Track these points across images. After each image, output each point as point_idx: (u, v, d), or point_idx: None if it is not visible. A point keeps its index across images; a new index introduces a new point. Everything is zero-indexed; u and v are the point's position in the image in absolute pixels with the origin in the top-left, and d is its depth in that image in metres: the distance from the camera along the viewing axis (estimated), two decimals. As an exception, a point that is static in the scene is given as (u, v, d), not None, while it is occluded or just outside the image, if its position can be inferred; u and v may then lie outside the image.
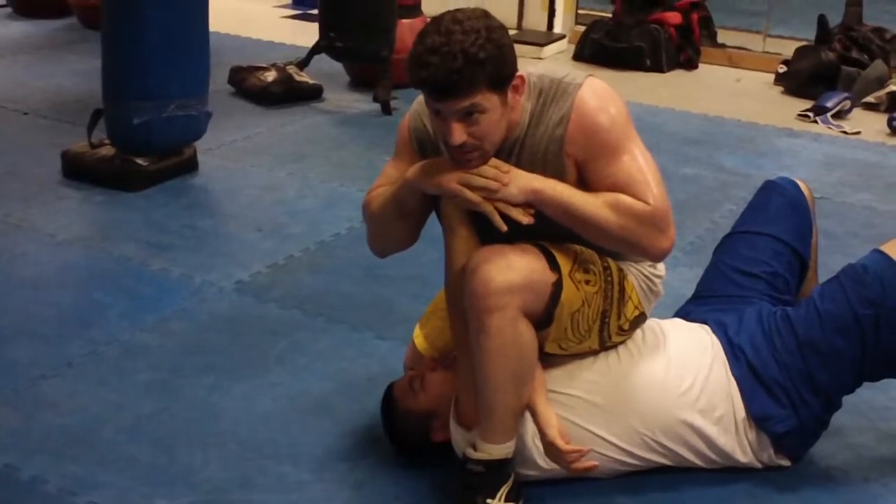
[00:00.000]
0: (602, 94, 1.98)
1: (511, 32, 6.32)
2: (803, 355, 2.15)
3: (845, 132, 4.83)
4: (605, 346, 2.12)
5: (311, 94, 4.94)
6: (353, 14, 4.72)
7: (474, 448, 2.04)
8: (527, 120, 1.99)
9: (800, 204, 2.40)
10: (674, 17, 5.86)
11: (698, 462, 2.19)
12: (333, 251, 3.41)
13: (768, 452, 2.21)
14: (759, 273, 2.31)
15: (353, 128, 4.70)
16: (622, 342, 2.16)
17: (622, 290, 2.08)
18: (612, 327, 2.08)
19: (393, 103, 4.82)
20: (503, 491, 2.05)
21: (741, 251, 2.37)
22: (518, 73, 1.92)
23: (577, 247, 2.03)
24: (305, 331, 2.88)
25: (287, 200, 3.81)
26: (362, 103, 4.95)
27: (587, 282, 2.01)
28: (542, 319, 1.98)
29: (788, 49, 5.73)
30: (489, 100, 1.85)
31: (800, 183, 2.47)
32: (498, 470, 2.04)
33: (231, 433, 2.40)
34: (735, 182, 4.10)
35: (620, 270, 2.09)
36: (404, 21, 4.91)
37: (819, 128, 4.88)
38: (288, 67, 4.94)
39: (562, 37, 6.30)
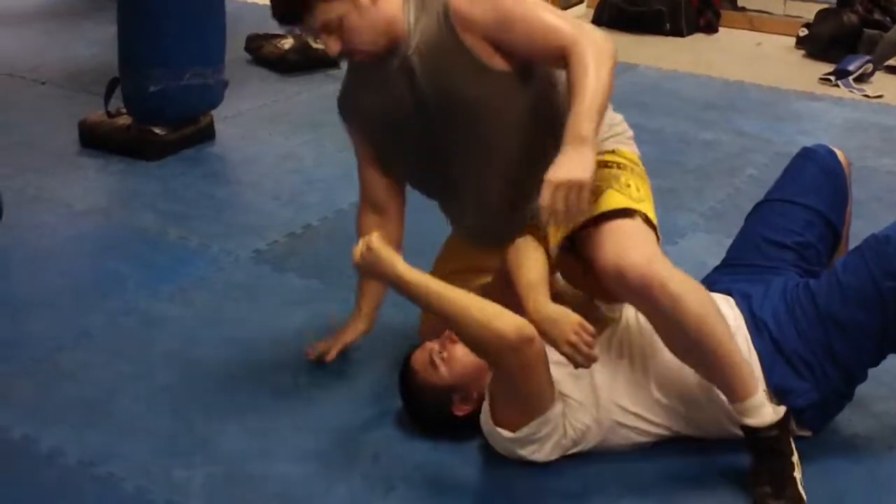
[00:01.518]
0: None
1: None
2: (825, 328, 2.13)
3: (867, 96, 4.77)
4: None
5: (328, 62, 4.89)
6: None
7: (747, 416, 2.01)
8: (412, 24, 2.07)
9: (836, 173, 2.35)
10: (694, -19, 5.79)
11: (715, 432, 2.17)
12: (351, 220, 3.35)
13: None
14: (790, 243, 2.27)
15: (370, 95, 4.66)
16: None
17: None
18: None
19: (410, 70, 4.77)
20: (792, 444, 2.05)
21: (773, 220, 2.33)
22: None
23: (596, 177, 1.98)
24: (324, 300, 2.86)
25: (304, 169, 3.80)
26: (379, 70, 4.91)
27: (628, 185, 2.08)
28: None
29: (809, 12, 5.66)
30: (334, 9, 2.00)
31: (837, 151, 2.41)
32: (786, 423, 2.03)
33: (250, 404, 2.40)
34: (755, 147, 4.06)
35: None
36: (421, -14, 4.86)
37: (841, 92, 4.82)
38: (304, 36, 4.90)
39: (580, 1, 6.23)
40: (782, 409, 2.04)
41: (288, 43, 4.90)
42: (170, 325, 2.73)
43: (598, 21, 5.91)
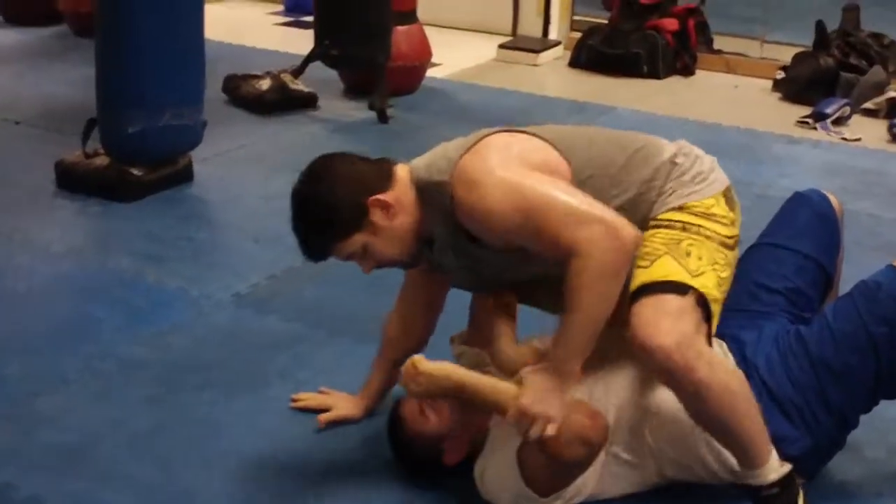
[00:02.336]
0: (469, 174, 1.96)
1: (505, 39, 6.30)
2: (817, 374, 2.11)
3: (845, 139, 4.81)
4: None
5: (306, 103, 4.89)
6: (349, 21, 4.67)
7: (751, 479, 2.00)
8: (431, 220, 2.07)
9: (829, 218, 2.35)
10: (670, 24, 5.83)
11: (706, 476, 2.14)
12: (334, 262, 3.34)
13: None
14: (780, 288, 2.26)
15: (350, 136, 4.64)
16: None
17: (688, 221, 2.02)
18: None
19: (389, 111, 4.77)
20: (802, 495, 2.04)
21: (765, 265, 2.31)
22: (371, 201, 2.02)
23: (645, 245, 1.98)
24: (307, 344, 2.82)
25: (285, 210, 3.66)
26: (358, 111, 4.90)
27: (688, 254, 1.97)
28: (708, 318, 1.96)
29: (786, 55, 5.71)
30: (354, 242, 2.06)
31: (830, 196, 2.41)
32: (790, 480, 2.02)
33: (233, 450, 2.35)
34: (737, 190, 4.05)
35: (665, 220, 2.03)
36: (400, 28, 4.87)
37: (819, 134, 4.86)
38: (282, 75, 4.89)
39: (557, 43, 6.27)
40: (786, 468, 2.01)
41: (265, 83, 4.88)
42: (149, 370, 2.68)
43: (575, 63, 5.95)
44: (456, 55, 5.90)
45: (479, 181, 1.93)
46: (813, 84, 5.29)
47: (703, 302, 1.94)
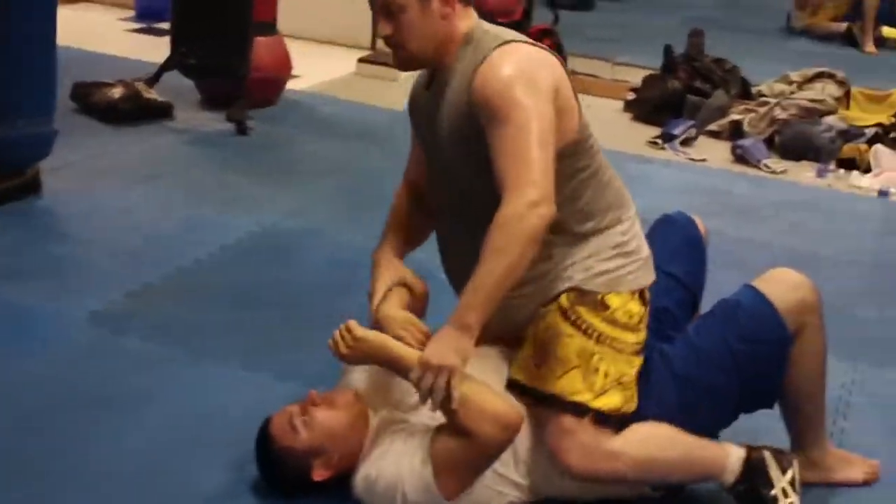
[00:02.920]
0: (512, 57, 1.99)
1: (364, 53, 6.25)
2: (681, 391, 2.18)
3: (692, 159, 4.99)
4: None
5: (161, 112, 4.75)
6: (208, 30, 4.58)
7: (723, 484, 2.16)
8: (456, 58, 2.06)
9: (695, 240, 2.43)
10: (527, 43, 5.93)
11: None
12: (195, 278, 3.28)
13: None
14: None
15: (208, 148, 4.55)
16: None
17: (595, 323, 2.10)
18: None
19: (248, 123, 4.69)
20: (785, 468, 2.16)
21: None
22: None
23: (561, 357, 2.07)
24: (169, 364, 2.74)
25: (142, 224, 3.65)
26: (215, 122, 4.80)
27: (597, 370, 2.07)
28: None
29: (636, 76, 5.89)
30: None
31: (696, 219, 2.50)
32: (750, 468, 2.14)
33: (94, 476, 2.26)
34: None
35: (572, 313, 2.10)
36: (260, 39, 4.80)
37: (668, 154, 5.03)
38: (136, 83, 4.74)
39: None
40: (738, 461, 2.15)
41: (118, 91, 4.72)
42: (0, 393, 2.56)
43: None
44: (316, 68, 5.85)
45: (509, 65, 1.97)
46: (661, 106, 5.47)
47: (602, 417, 2.06)
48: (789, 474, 2.16)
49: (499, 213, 1.91)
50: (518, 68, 1.97)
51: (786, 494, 2.15)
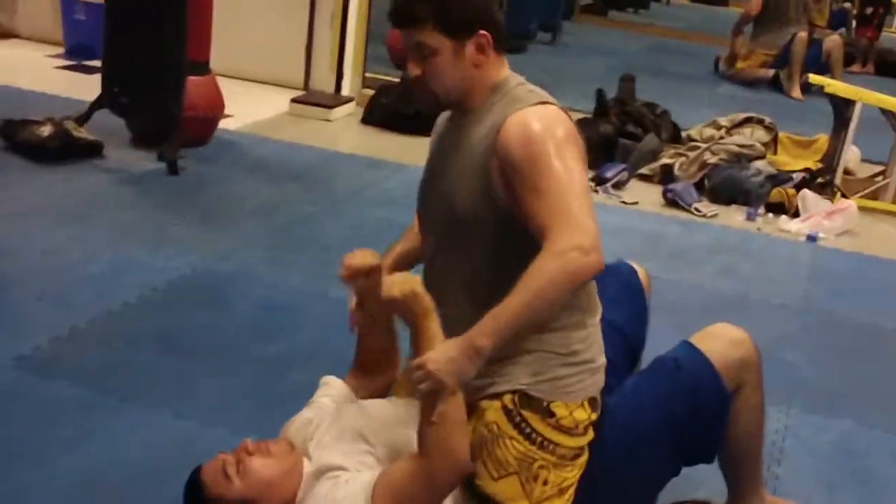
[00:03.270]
0: (552, 116, 1.95)
1: (298, 93, 6.22)
2: (621, 440, 2.12)
3: (625, 202, 5.05)
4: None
5: (91, 151, 4.67)
6: (141, 68, 4.53)
7: None
8: (484, 105, 2.02)
9: (636, 289, 2.42)
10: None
11: None
12: (124, 322, 3.21)
13: None
14: None
15: (139, 188, 4.48)
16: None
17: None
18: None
19: (180, 163, 4.63)
20: None
21: None
22: (482, 32, 1.99)
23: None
24: (96, 411, 2.67)
25: (70, 266, 3.56)
26: (147, 162, 4.73)
27: (536, 477, 2.02)
28: None
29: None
30: (438, 41, 1.97)
31: (637, 266, 2.49)
32: None
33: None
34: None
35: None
36: (193, 78, 4.76)
37: (602, 197, 5.07)
38: (65, 122, 4.66)
39: (350, 99, 6.29)
40: None
41: (47, 129, 4.64)
42: (-81, 442, 2.47)
43: (367, 120, 5.99)
44: (248, 107, 5.82)
45: (542, 121, 1.93)
46: (593, 149, 5.50)
47: None
48: None
49: (545, 249, 1.82)
50: (563, 126, 1.94)
51: None
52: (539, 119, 1.93)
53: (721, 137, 5.73)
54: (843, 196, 5.15)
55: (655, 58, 9.77)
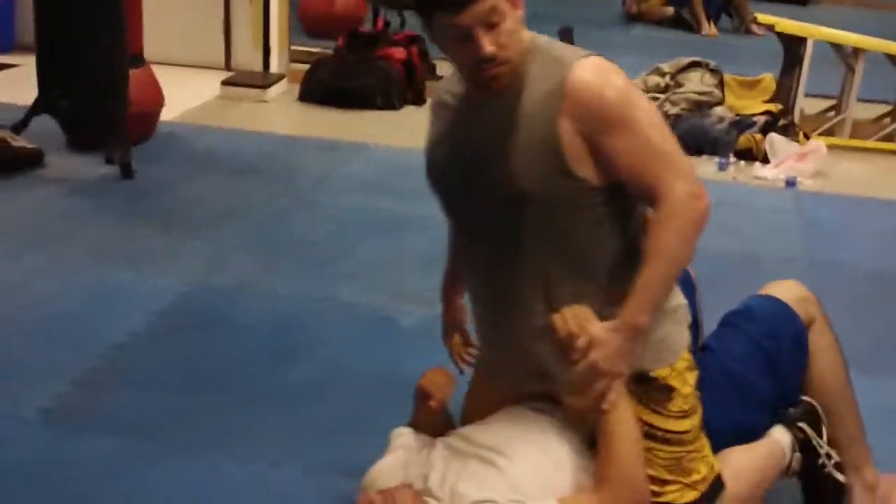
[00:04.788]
0: (608, 66, 1.83)
1: (221, 74, 5.81)
2: (730, 391, 2.12)
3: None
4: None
5: (31, 161, 4.29)
6: (80, 67, 4.14)
7: None
8: (521, 73, 1.82)
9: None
10: (398, 53, 5.73)
11: None
12: (138, 355, 2.92)
13: None
14: None
15: (93, 198, 4.11)
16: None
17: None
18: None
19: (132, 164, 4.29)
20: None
21: None
22: None
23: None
24: (140, 463, 2.40)
25: (47, 299, 3.20)
26: (92, 167, 4.37)
27: (689, 471, 1.98)
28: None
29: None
30: (503, 3, 1.76)
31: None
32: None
33: None
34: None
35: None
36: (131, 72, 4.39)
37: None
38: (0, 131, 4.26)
39: (281, 77, 5.96)
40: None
41: (-24, 142, 4.23)
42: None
43: (306, 97, 5.69)
44: (176, 95, 5.43)
45: (611, 74, 1.81)
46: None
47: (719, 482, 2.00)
48: (823, 431, 2.20)
49: (660, 208, 1.78)
50: (621, 76, 1.82)
51: (829, 457, 2.21)
52: (603, 73, 1.80)
53: (667, 85, 5.64)
54: (806, 136, 5.12)
55: (562, 7, 9.62)
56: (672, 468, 1.95)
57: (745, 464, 2.08)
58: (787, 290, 2.24)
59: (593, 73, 1.79)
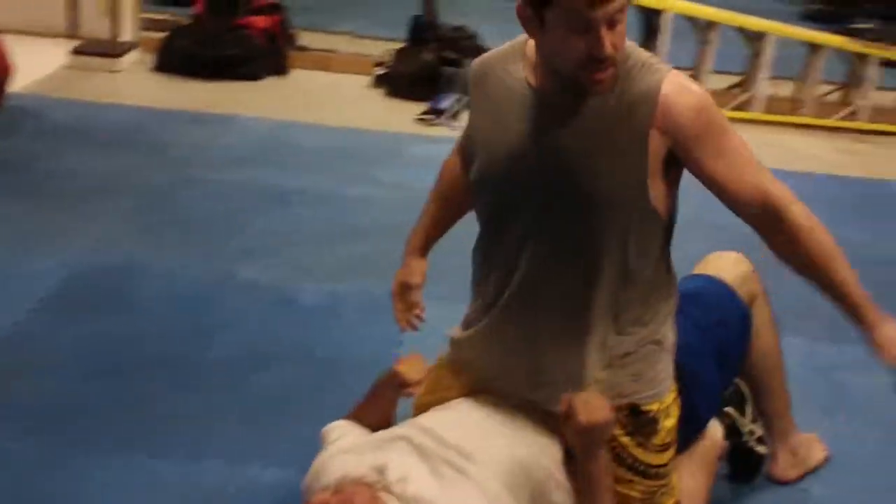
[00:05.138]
0: (688, 81, 1.79)
1: (66, 42, 5.47)
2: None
3: (466, 133, 4.89)
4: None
5: None
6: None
7: None
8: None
9: None
10: (260, 21, 5.55)
11: None
12: (26, 346, 2.72)
13: None
14: None
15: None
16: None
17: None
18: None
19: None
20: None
21: None
22: None
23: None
24: (43, 464, 2.25)
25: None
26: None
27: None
28: None
29: (377, 50, 5.70)
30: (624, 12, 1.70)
31: None
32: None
33: None
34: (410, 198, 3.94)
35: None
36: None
37: (444, 130, 4.88)
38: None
39: (134, 45, 5.68)
40: None
41: None
42: None
43: (164, 67, 5.44)
44: (21, 64, 5.09)
45: (695, 86, 1.79)
46: (417, 79, 5.32)
47: None
48: (747, 410, 2.31)
49: (791, 215, 1.78)
50: (701, 90, 1.80)
51: (752, 433, 2.32)
52: (690, 86, 1.78)
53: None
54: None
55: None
56: (646, 501, 1.96)
57: (698, 486, 2.10)
58: (730, 268, 2.24)
59: (682, 85, 1.76)
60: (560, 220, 1.83)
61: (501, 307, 1.93)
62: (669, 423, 1.95)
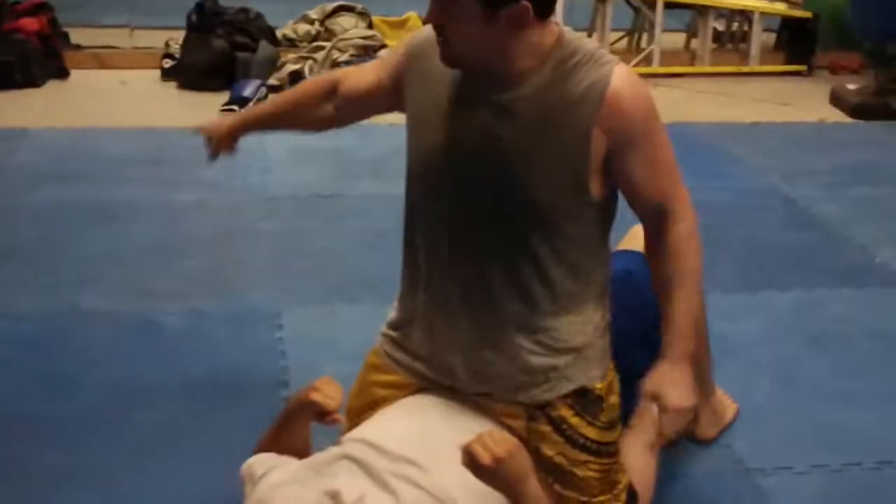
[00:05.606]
0: (634, 79, 1.78)
1: None
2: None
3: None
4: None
5: None
6: None
7: None
8: (547, 77, 1.73)
9: None
10: (31, 24, 5.16)
11: None
12: None
13: None
14: None
15: None
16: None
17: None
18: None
19: None
20: None
21: None
22: (523, 3, 1.65)
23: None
24: None
25: None
26: None
27: (617, 482, 1.97)
28: None
29: (159, 41, 5.42)
30: (462, 3, 1.65)
31: None
32: None
33: None
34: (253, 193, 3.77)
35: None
36: None
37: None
38: None
39: None
40: None
41: None
42: None
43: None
44: None
45: (642, 84, 1.78)
46: (212, 69, 5.09)
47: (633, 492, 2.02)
48: None
49: (675, 231, 1.81)
50: (645, 86, 1.79)
51: None
52: (638, 83, 1.77)
53: (318, 32, 5.57)
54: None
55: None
56: (603, 480, 1.94)
57: (647, 463, 2.10)
58: None
59: (630, 81, 1.74)
60: (488, 206, 1.78)
61: (428, 302, 1.89)
62: (613, 399, 1.95)
